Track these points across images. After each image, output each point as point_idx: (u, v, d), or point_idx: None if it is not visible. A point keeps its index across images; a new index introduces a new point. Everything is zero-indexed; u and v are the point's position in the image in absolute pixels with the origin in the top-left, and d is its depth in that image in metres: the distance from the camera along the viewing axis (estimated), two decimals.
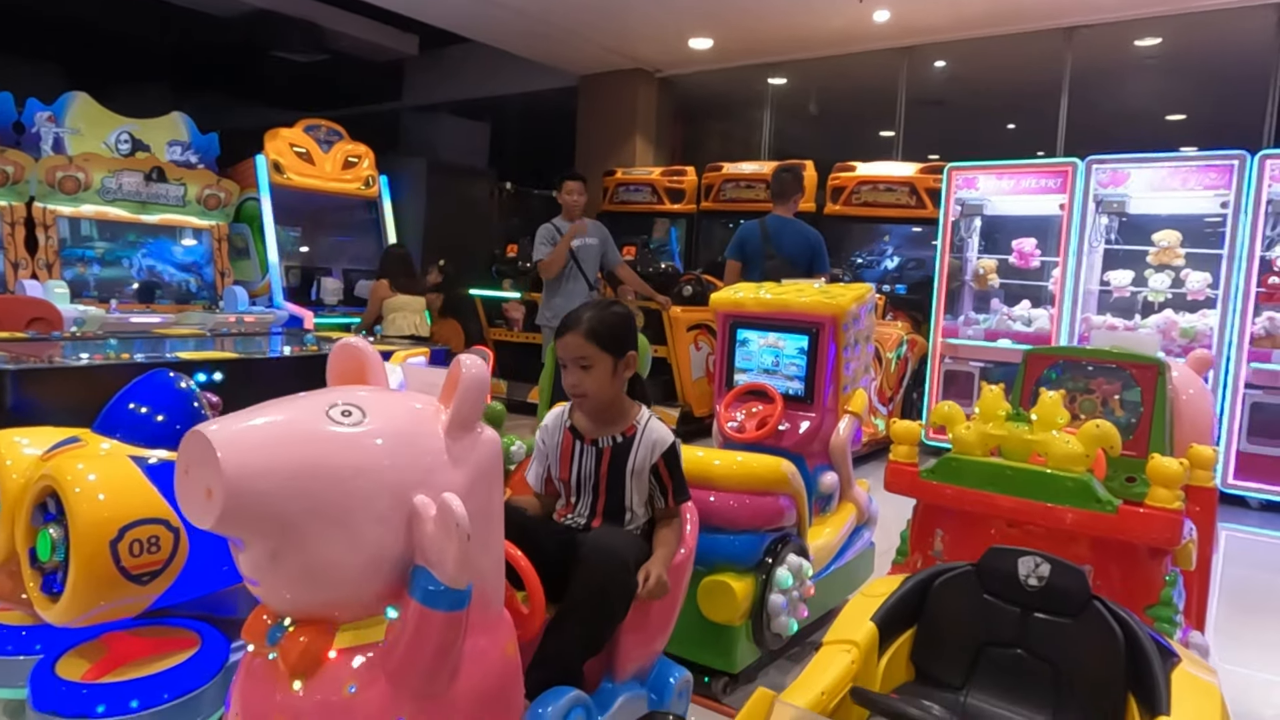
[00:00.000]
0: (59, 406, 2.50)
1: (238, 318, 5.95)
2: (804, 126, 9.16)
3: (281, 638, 1.31)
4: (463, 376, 1.35)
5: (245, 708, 1.36)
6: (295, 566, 1.26)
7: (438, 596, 1.27)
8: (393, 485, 1.27)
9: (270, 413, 1.26)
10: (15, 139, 5.58)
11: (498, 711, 1.46)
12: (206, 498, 1.14)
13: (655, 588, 1.77)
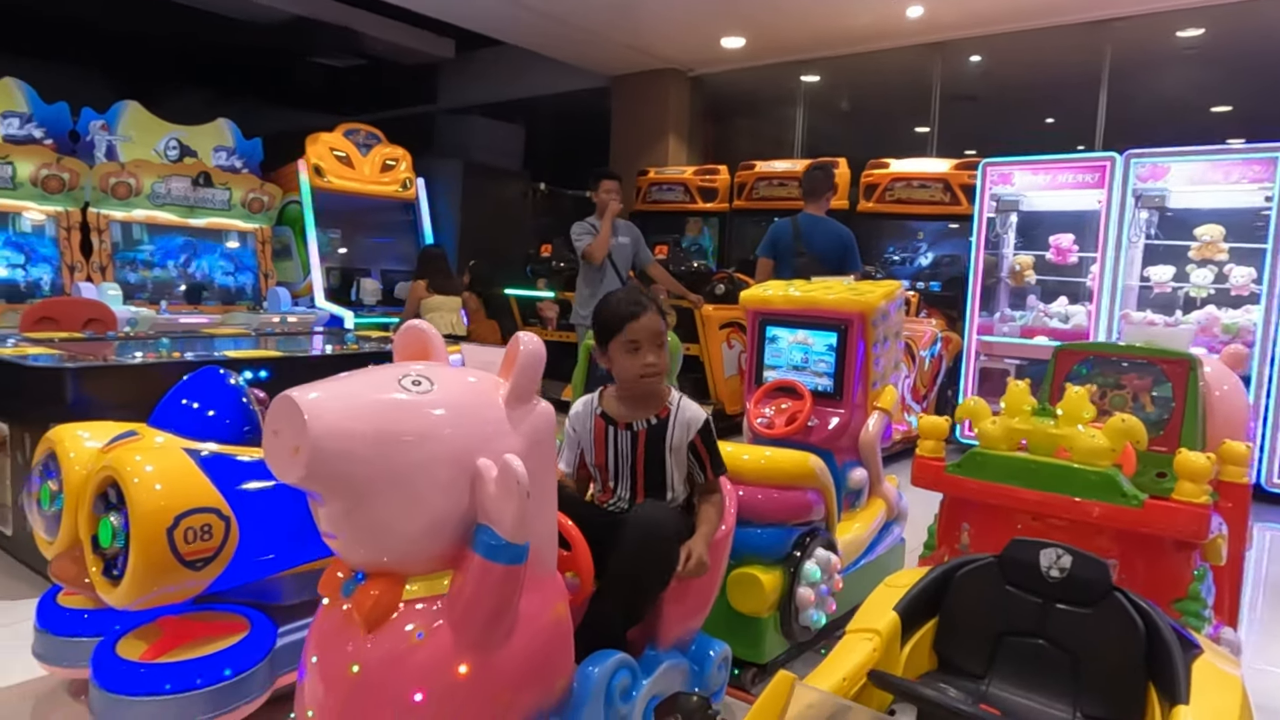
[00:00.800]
0: (116, 402, 2.62)
1: (281, 318, 6.13)
2: (837, 123, 9.13)
3: (355, 590, 1.40)
4: (521, 352, 1.46)
5: (321, 655, 1.45)
6: (368, 521, 1.36)
7: (498, 551, 1.36)
8: (457, 448, 1.37)
9: (350, 381, 1.37)
10: (71, 147, 5.80)
11: (549, 667, 1.55)
12: (293, 455, 1.24)
13: (695, 567, 1.82)
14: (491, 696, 1.42)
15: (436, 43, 9.39)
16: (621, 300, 1.94)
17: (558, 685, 1.57)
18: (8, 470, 3.09)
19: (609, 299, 1.98)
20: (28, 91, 5.56)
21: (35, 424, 2.81)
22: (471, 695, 1.39)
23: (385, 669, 1.36)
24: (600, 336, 1.94)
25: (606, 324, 1.93)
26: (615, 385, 1.98)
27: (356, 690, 1.37)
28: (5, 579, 3.02)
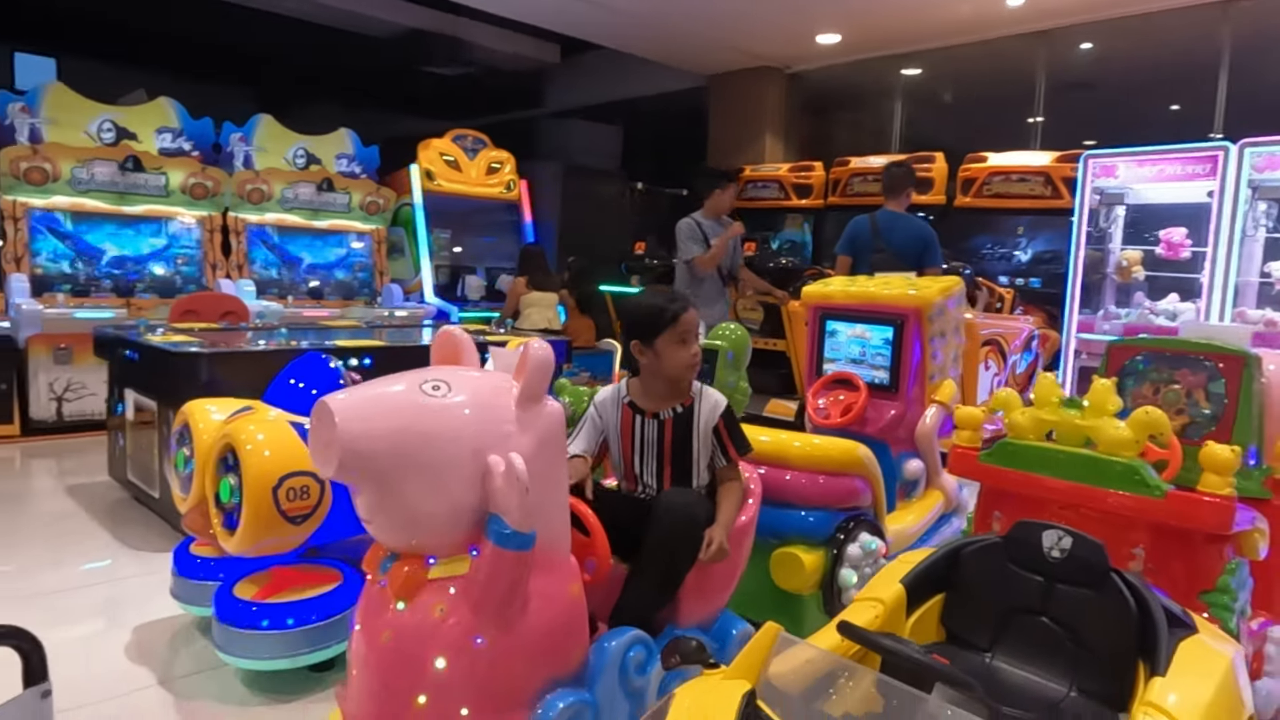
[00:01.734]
0: (240, 382, 3.01)
1: (391, 312, 6.62)
2: (936, 117, 8.94)
3: (389, 568, 1.64)
4: (529, 358, 1.63)
5: (363, 623, 1.71)
6: (395, 509, 1.58)
7: (508, 538, 1.56)
8: (470, 446, 1.56)
9: (378, 386, 1.59)
10: (214, 158, 6.46)
11: (563, 641, 1.74)
12: (327, 451, 1.47)
13: (716, 553, 1.97)
14: (507, 665, 1.61)
15: (542, 48, 9.78)
16: (663, 297, 2.07)
17: (572, 658, 1.74)
18: (155, 442, 3.57)
19: (646, 299, 2.09)
20: (179, 109, 6.25)
21: (178, 401, 3.25)
22: (488, 662, 1.59)
23: (412, 637, 1.58)
24: (645, 333, 2.03)
25: (654, 320, 2.03)
26: (643, 377, 2.09)
27: (389, 654, 1.60)
28: (153, 534, 3.50)
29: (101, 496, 4.05)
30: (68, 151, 5.58)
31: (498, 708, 1.61)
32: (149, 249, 6.01)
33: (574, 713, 1.67)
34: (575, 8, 7.17)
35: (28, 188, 5.45)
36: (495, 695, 1.61)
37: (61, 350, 5.19)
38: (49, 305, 5.22)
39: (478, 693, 1.59)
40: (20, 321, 5.08)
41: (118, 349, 3.81)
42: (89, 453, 4.87)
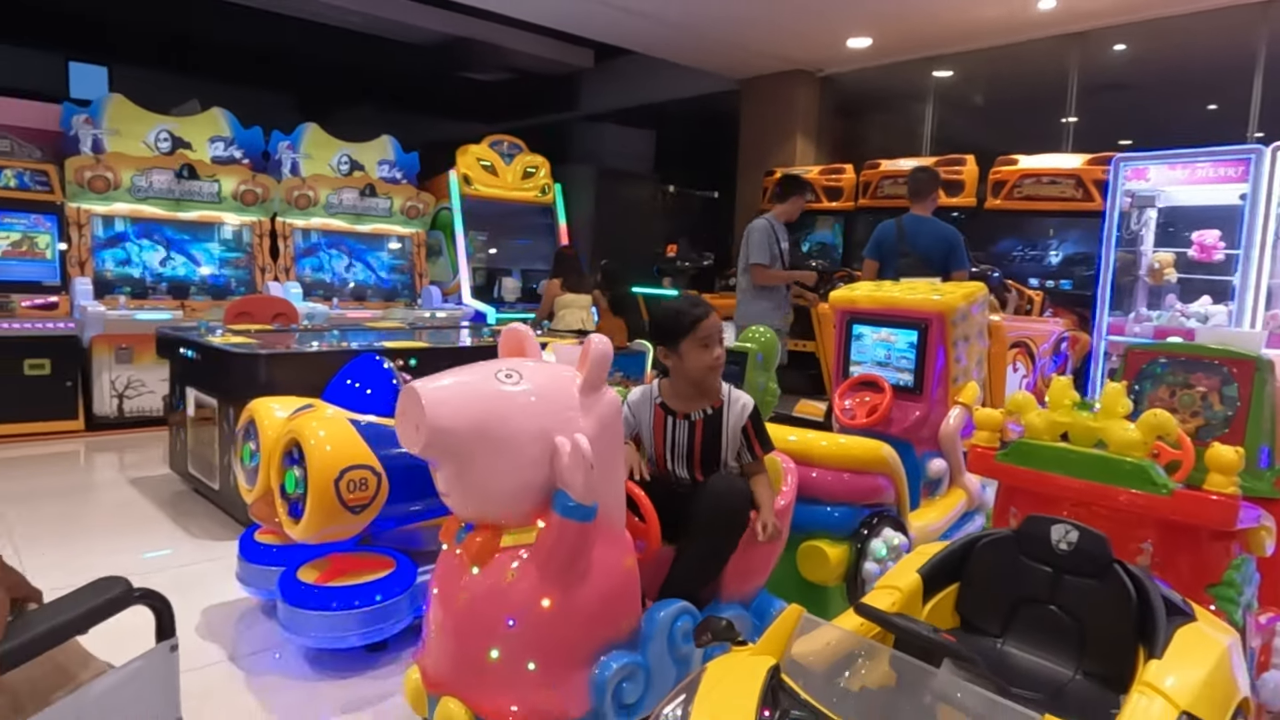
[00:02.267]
0: (297, 381, 3.20)
1: (432, 313, 6.83)
2: (968, 119, 8.96)
3: (465, 537, 1.82)
4: (592, 351, 1.82)
5: (440, 586, 1.89)
6: (472, 483, 1.77)
7: (572, 510, 1.74)
8: (539, 428, 1.75)
9: (459, 374, 1.78)
10: (263, 165, 6.72)
11: (618, 607, 1.91)
12: (416, 432, 1.67)
13: (772, 533, 2.12)
14: (569, 625, 1.79)
15: (577, 54, 9.96)
16: (686, 303, 2.21)
17: (626, 623, 1.91)
18: (216, 437, 3.79)
19: (671, 305, 2.22)
20: (230, 119, 6.51)
21: (238, 399, 3.46)
22: (552, 622, 1.76)
23: (486, 598, 1.76)
24: (668, 337, 2.17)
25: (676, 325, 2.16)
26: (672, 379, 2.24)
27: (465, 614, 1.78)
28: (214, 524, 3.72)
29: (163, 488, 4.30)
30: (128, 161, 5.87)
31: (560, 663, 1.79)
32: (202, 253, 6.28)
33: (627, 673, 1.84)
34: (609, 15, 7.33)
35: (91, 195, 5.74)
36: (558, 652, 1.79)
37: (123, 350, 5.47)
38: (111, 307, 5.50)
39: (543, 649, 1.77)
40: (85, 322, 5.36)
41: (179, 349, 4.04)
42: (148, 447, 5.14)
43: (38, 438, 5.24)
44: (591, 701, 1.80)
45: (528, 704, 1.75)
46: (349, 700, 2.33)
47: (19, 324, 5.16)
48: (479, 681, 1.75)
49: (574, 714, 1.79)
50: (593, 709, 1.80)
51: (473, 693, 1.76)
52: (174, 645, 1.17)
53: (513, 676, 1.74)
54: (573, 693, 1.79)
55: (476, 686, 1.76)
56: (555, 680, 1.77)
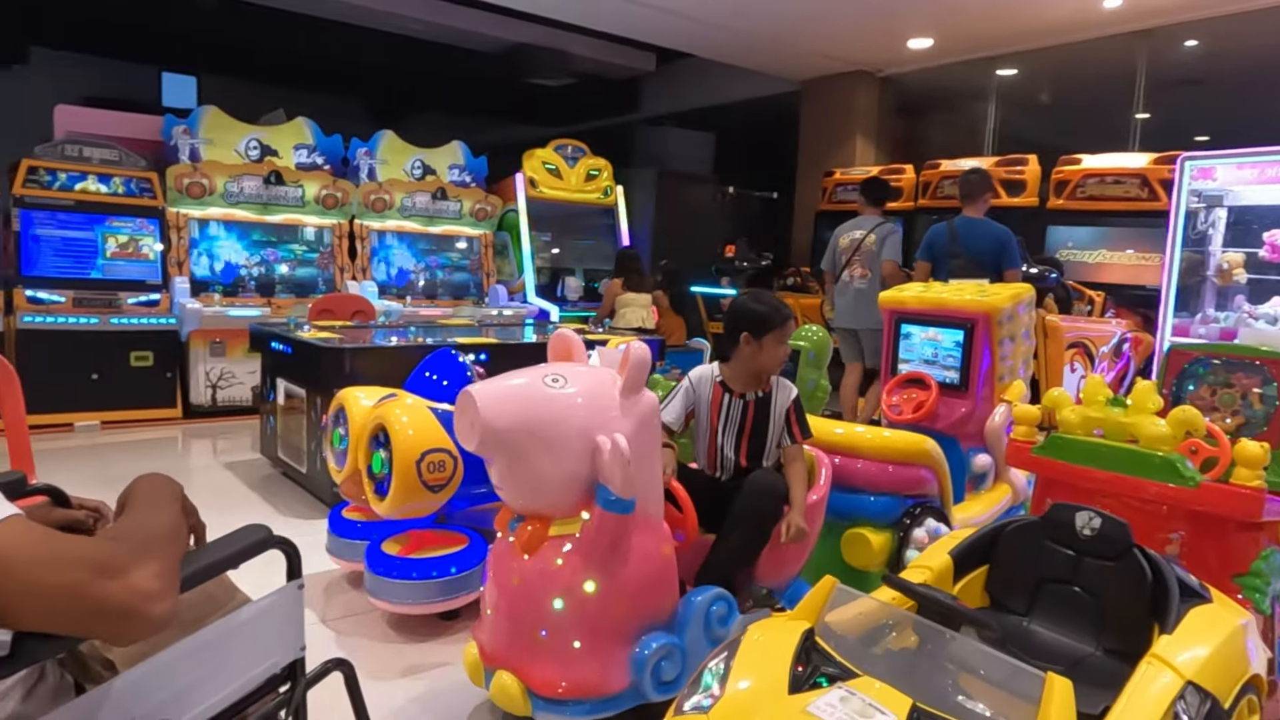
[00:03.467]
0: (378, 373, 3.47)
1: (499, 311, 7.14)
2: (1032, 118, 8.87)
3: (517, 527, 2.04)
4: (631, 356, 2.00)
5: (495, 571, 2.11)
6: (522, 478, 1.98)
7: (612, 504, 1.93)
8: (582, 428, 1.94)
9: (510, 379, 1.99)
10: (343, 170, 7.12)
11: (657, 591, 2.10)
12: (471, 429, 1.88)
13: (795, 535, 2.30)
14: (611, 607, 1.98)
15: (639, 58, 10.17)
16: (778, 302, 2.45)
17: (665, 606, 2.10)
18: (304, 425, 4.11)
19: (765, 300, 2.45)
20: (313, 128, 6.92)
21: (324, 389, 3.77)
22: (596, 604, 1.96)
23: (535, 583, 1.98)
24: (759, 328, 2.37)
25: (770, 319, 2.38)
26: (735, 363, 2.44)
27: (517, 596, 2.00)
28: (302, 504, 4.04)
29: (253, 471, 4.66)
30: (222, 168, 6.30)
31: (603, 642, 1.99)
32: (286, 254, 6.70)
33: (665, 653, 2.03)
34: (671, 21, 7.52)
35: (189, 201, 6.19)
36: (601, 632, 1.99)
37: (216, 344, 5.90)
38: (206, 304, 5.93)
39: (587, 629, 1.97)
40: (183, 318, 5.80)
41: (271, 343, 4.38)
42: (239, 434, 5.54)
43: (141, 424, 5.70)
44: (631, 677, 1.99)
45: (573, 678, 1.96)
46: (425, 660, 2.58)
47: (126, 319, 5.62)
48: (529, 657, 1.97)
49: (615, 688, 1.99)
50: (633, 684, 2.00)
51: (524, 666, 1.97)
52: (301, 584, 1.41)
53: (559, 653, 1.95)
54: (614, 669, 1.98)
55: (527, 661, 1.97)
56: (598, 657, 1.97)
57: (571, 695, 1.96)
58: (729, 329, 2.45)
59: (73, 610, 0.93)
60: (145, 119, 6.72)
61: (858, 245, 5.31)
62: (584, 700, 1.97)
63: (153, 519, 1.08)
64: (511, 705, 1.99)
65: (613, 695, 1.99)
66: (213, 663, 1.21)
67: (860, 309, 5.15)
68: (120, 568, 0.94)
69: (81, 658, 1.17)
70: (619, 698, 2.00)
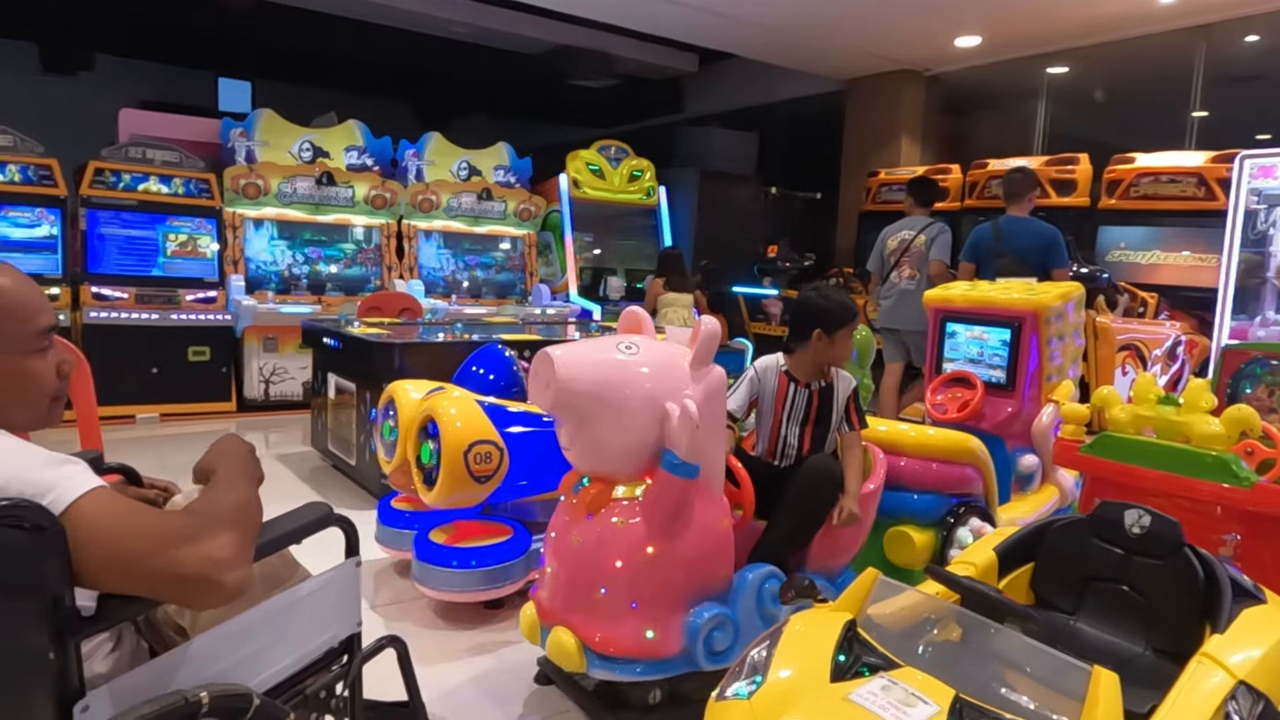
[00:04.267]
0: (426, 368, 3.56)
1: (541, 310, 7.22)
2: (1084, 116, 8.68)
3: (581, 489, 2.09)
4: (702, 331, 2.06)
5: (558, 530, 2.16)
6: (591, 439, 2.04)
7: (677, 467, 1.97)
8: (652, 394, 1.99)
9: (585, 344, 2.07)
10: (391, 172, 7.27)
11: (713, 563, 2.13)
12: (546, 389, 1.94)
13: (848, 519, 2.32)
14: (669, 572, 2.02)
15: (681, 58, 10.18)
16: (849, 300, 2.52)
17: (720, 577, 2.13)
18: (354, 419, 4.21)
19: (839, 297, 2.52)
20: (363, 130, 7.08)
21: (373, 383, 3.87)
22: (655, 568, 2.00)
23: (597, 543, 2.02)
24: (833, 324, 2.45)
25: (843, 317, 2.46)
26: (800, 356, 2.50)
27: (578, 555, 2.05)
28: (351, 496, 4.15)
29: (304, 464, 4.78)
30: (276, 169, 6.48)
31: (659, 605, 2.02)
32: (336, 253, 6.86)
33: (718, 623, 2.06)
34: (714, 22, 7.52)
35: (245, 201, 6.38)
36: (657, 595, 2.02)
37: (269, 339, 6.07)
38: (260, 301, 6.11)
39: (644, 591, 2.01)
40: (238, 315, 5.98)
41: (323, 339, 4.50)
42: (290, 428, 5.69)
43: (198, 417, 5.89)
44: (684, 643, 2.03)
45: (628, 637, 2.00)
46: (470, 646, 2.64)
47: (185, 315, 5.82)
48: (587, 614, 2.02)
49: (668, 652, 2.03)
50: (685, 650, 2.03)
51: (581, 624, 2.02)
52: (358, 562, 1.46)
53: (617, 612, 1.99)
54: (669, 633, 2.02)
55: (585, 618, 2.02)
56: (654, 619, 2.00)
57: (625, 654, 2.00)
58: (798, 323, 2.51)
59: (152, 575, 0.99)
60: (204, 122, 6.95)
61: (906, 246, 5.27)
62: (637, 660, 2.01)
63: (229, 494, 1.14)
64: (567, 660, 2.03)
65: (665, 659, 2.03)
66: (277, 632, 1.27)
67: (904, 309, 5.11)
68: (197, 537, 1.00)
69: (156, 624, 1.24)
70: (671, 662, 2.04)
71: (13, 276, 1.12)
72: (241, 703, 1.07)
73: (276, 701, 1.14)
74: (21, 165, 5.61)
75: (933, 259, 5.07)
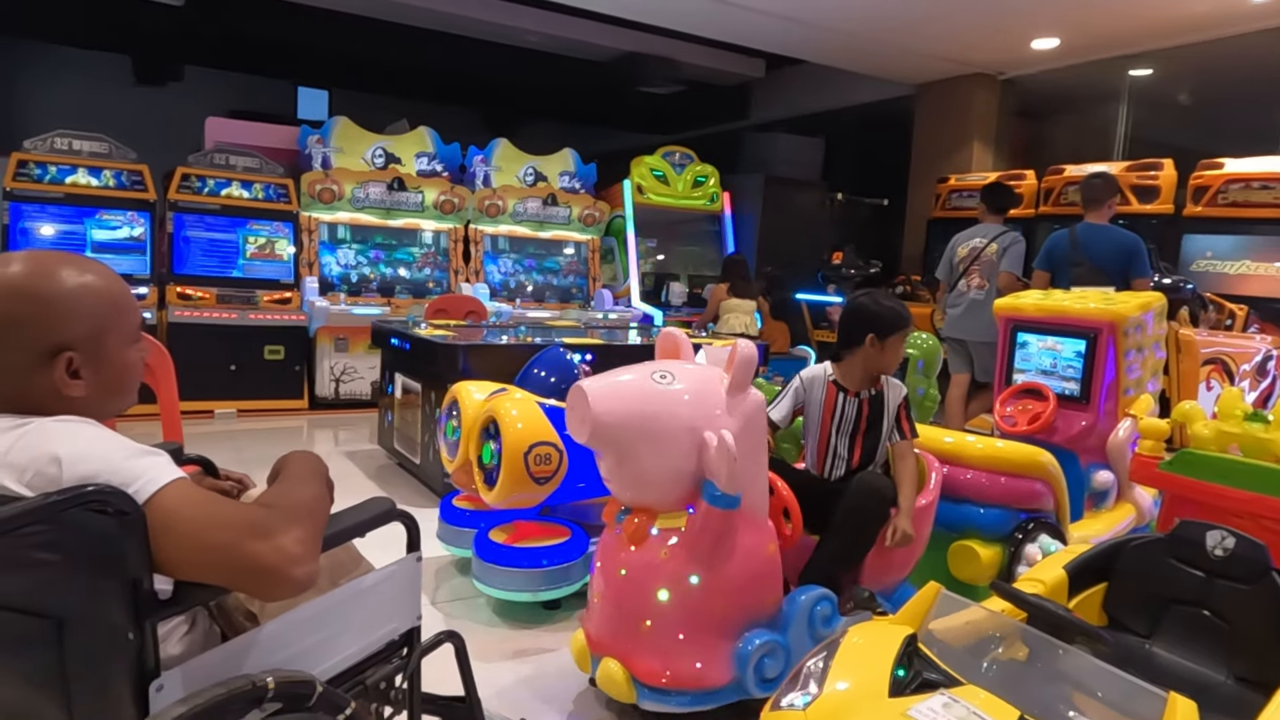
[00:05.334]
0: (490, 369, 3.61)
1: (604, 314, 7.27)
2: (1168, 120, 8.33)
3: (624, 519, 2.08)
4: (738, 355, 2.02)
5: (602, 561, 2.17)
6: (630, 471, 2.02)
7: (718, 499, 1.95)
8: (689, 424, 1.97)
9: (619, 374, 2.05)
10: (460, 177, 7.43)
11: (760, 589, 2.10)
12: (582, 424, 1.94)
13: (901, 539, 2.27)
14: (715, 602, 2.00)
15: (748, 64, 10.15)
16: (902, 305, 2.47)
17: (768, 603, 2.10)
18: (419, 418, 4.31)
19: (894, 303, 2.47)
20: (433, 136, 7.26)
21: (438, 384, 3.95)
22: (700, 598, 1.98)
23: (641, 572, 2.02)
24: (887, 330, 2.40)
25: (897, 323, 2.42)
26: (850, 363, 2.45)
27: (623, 586, 2.05)
28: (415, 494, 4.24)
29: (371, 461, 4.91)
30: (350, 175, 6.69)
31: (706, 635, 2.01)
32: (406, 256, 7.04)
33: (768, 650, 2.03)
34: (784, 27, 7.47)
35: (320, 205, 6.59)
36: (705, 625, 2.01)
37: (340, 340, 6.26)
38: (333, 303, 6.30)
39: (691, 622, 2.00)
40: (312, 316, 6.18)
41: (391, 340, 4.61)
42: (358, 426, 5.85)
43: (272, 414, 6.10)
44: (734, 672, 2.01)
45: (676, 669, 1.99)
46: (527, 647, 2.67)
47: (263, 315, 6.04)
48: (635, 646, 2.01)
49: (718, 682, 2.01)
50: (735, 679, 2.01)
51: (629, 655, 2.02)
52: (419, 557, 1.50)
53: (664, 644, 1.99)
54: (718, 662, 2.00)
55: (632, 650, 2.02)
56: (701, 650, 1.99)
57: (674, 686, 1.99)
58: (850, 329, 2.46)
59: (227, 565, 1.03)
60: (283, 129, 7.22)
61: (977, 254, 5.12)
62: (686, 691, 2.00)
63: (301, 490, 1.18)
64: (617, 692, 2.04)
65: (715, 689, 2.01)
66: (341, 622, 1.30)
67: (972, 320, 4.97)
68: (270, 531, 1.04)
69: (227, 609, 1.29)
70: (721, 691, 2.02)
71: (113, 274, 1.19)
72: (305, 689, 1.10)
73: (338, 690, 1.17)
74: (115, 171, 5.91)
75: (1003, 270, 4.91)
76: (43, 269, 1.11)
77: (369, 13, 8.34)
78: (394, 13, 8.38)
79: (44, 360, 1.08)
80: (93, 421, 1.10)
